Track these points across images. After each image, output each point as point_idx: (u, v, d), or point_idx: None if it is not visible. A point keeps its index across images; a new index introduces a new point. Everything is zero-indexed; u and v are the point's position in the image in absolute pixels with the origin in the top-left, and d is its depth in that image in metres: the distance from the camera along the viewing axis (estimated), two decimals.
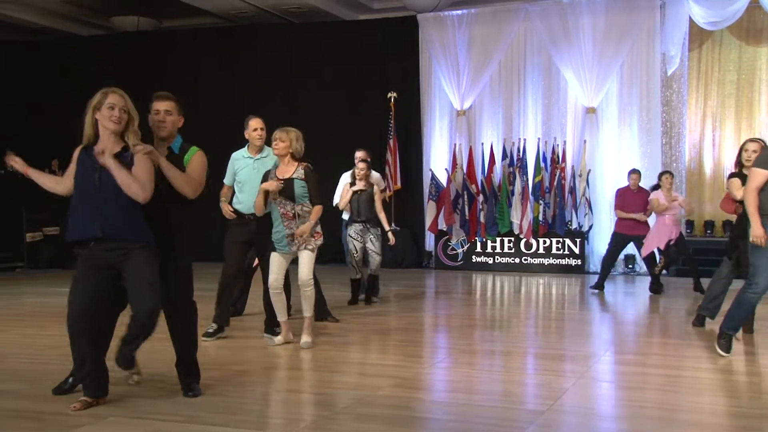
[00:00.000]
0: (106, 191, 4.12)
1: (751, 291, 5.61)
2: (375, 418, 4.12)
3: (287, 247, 5.94)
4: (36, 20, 15.21)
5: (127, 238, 4.15)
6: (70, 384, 4.52)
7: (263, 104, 14.30)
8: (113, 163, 4.10)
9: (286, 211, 5.90)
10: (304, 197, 5.93)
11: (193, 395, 4.44)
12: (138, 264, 4.13)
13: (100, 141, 4.21)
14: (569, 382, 4.96)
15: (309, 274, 5.97)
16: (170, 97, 4.59)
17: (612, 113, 12.91)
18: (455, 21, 13.56)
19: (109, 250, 4.14)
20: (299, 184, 5.90)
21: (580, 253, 12.64)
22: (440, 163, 13.63)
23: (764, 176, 5.48)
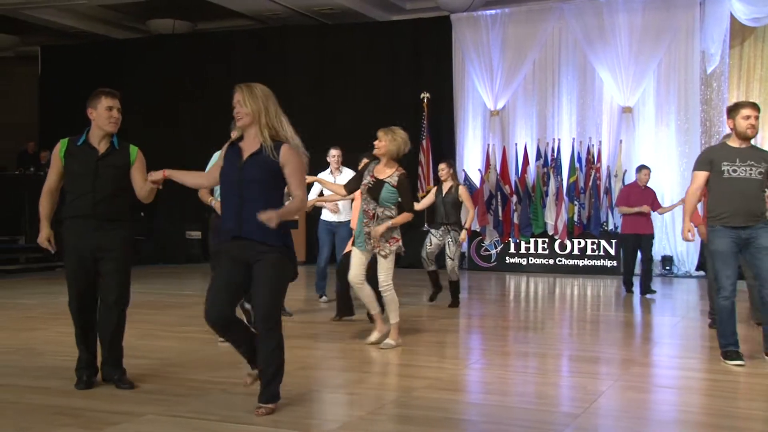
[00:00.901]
0: (249, 191, 4.04)
1: (721, 297, 5.48)
2: (409, 419, 4.11)
3: (363, 245, 6.04)
4: (75, 24, 15.50)
5: (260, 239, 4.04)
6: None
7: (296, 105, 14.38)
8: None
9: (368, 209, 6.02)
10: (387, 202, 5.98)
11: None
12: (264, 268, 4.06)
13: (244, 137, 4.17)
14: (605, 385, 4.90)
15: (385, 278, 6.01)
16: (118, 94, 4.70)
17: (649, 112, 12.73)
18: (489, 21, 13.49)
19: (245, 248, 4.07)
20: (388, 189, 5.94)
21: (615, 254, 12.49)
22: (473, 163, 13.57)
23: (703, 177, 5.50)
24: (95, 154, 4.59)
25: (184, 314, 7.99)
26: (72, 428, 3.88)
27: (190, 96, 15.06)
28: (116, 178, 4.60)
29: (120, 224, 4.63)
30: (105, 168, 4.57)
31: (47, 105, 16.38)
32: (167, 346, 6.15)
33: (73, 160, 4.60)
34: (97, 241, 4.54)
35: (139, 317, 7.26)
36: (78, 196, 4.57)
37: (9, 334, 6.80)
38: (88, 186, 4.54)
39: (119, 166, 4.63)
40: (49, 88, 16.42)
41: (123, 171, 4.65)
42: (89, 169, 4.55)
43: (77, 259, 4.57)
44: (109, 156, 4.61)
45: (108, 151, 4.61)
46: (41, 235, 4.62)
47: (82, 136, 4.64)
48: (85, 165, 4.56)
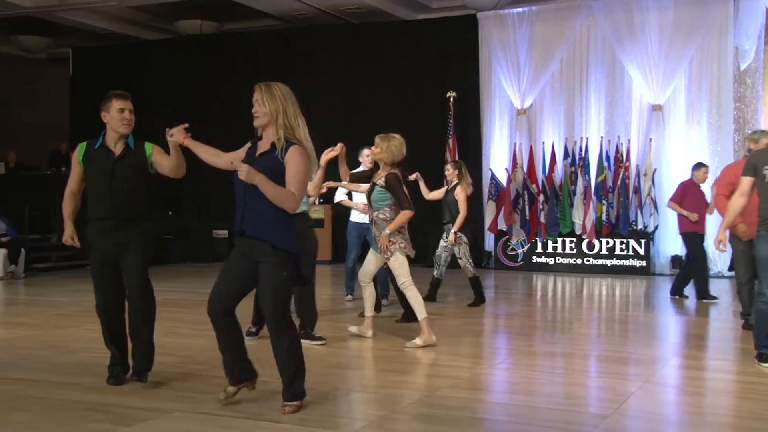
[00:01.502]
0: (254, 189, 4.05)
1: (761, 301, 5.37)
2: (435, 419, 4.10)
3: (377, 247, 6.23)
4: (105, 26, 15.69)
5: (264, 238, 4.06)
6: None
7: (323, 105, 14.44)
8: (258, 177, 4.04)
9: (368, 214, 6.30)
10: (378, 203, 6.13)
11: None
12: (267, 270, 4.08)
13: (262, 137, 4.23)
14: (634, 386, 4.85)
15: (399, 278, 6.17)
16: (129, 95, 4.75)
17: (680, 110, 12.56)
18: (516, 19, 13.41)
19: (250, 246, 4.11)
20: (377, 191, 6.12)
21: (645, 254, 12.35)
22: (500, 162, 13.51)
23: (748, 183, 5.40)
24: (111, 157, 4.67)
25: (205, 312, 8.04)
26: (103, 424, 3.93)
27: (218, 96, 15.18)
28: (133, 178, 4.67)
29: (138, 222, 4.70)
30: (122, 169, 4.65)
31: (78, 106, 16.60)
32: (195, 344, 6.20)
33: (90, 163, 4.70)
34: (116, 239, 4.63)
35: (166, 315, 7.33)
36: (97, 199, 4.67)
37: (41, 331, 6.91)
38: (106, 188, 4.63)
39: (135, 166, 4.69)
40: (80, 89, 16.64)
41: (140, 170, 4.71)
42: (106, 172, 4.64)
43: (102, 259, 4.67)
44: (125, 157, 4.68)
45: (124, 153, 4.68)
46: (65, 234, 4.76)
47: (99, 140, 4.73)
48: (102, 168, 4.65)
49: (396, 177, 6.11)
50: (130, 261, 4.65)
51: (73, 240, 4.74)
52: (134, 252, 4.65)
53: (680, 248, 12.43)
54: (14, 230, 12.36)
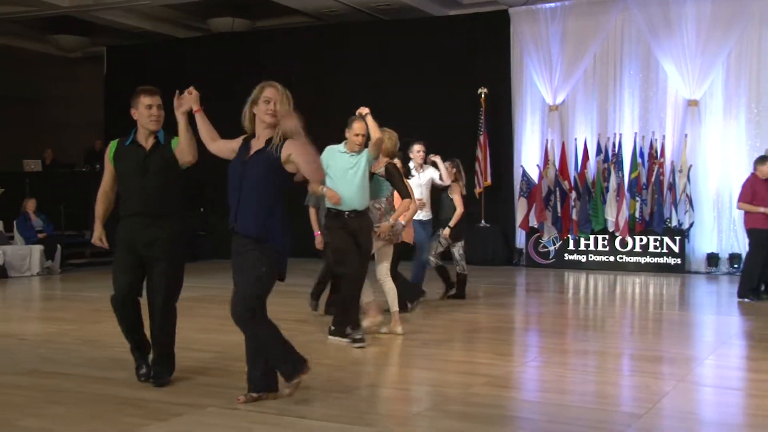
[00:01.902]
0: (246, 187, 4.13)
1: None
2: (466, 416, 4.08)
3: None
4: (139, 24, 15.89)
5: (253, 235, 4.13)
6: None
7: (354, 101, 14.42)
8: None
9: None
10: (377, 194, 6.25)
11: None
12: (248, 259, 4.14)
13: (257, 135, 4.26)
14: (669, 386, 4.77)
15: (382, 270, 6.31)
16: (157, 91, 4.67)
17: (716, 106, 12.34)
18: (548, 14, 13.29)
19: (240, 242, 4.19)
20: (376, 180, 6.24)
21: (679, 251, 12.17)
22: (531, 159, 13.40)
23: None
24: (142, 153, 4.62)
25: None
26: (136, 418, 3.98)
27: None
28: (164, 173, 4.60)
29: (170, 219, 4.61)
30: (152, 165, 4.59)
31: (113, 103, 16.82)
32: (226, 340, 6.24)
33: (122, 160, 4.65)
34: (147, 237, 4.54)
35: (198, 312, 7.41)
36: (129, 195, 4.62)
37: (77, 326, 7.03)
38: (137, 184, 4.57)
39: (166, 161, 4.61)
40: (114, 87, 16.86)
41: (170, 165, 4.62)
42: (137, 168, 4.58)
43: (126, 252, 4.58)
44: (155, 153, 4.62)
45: (153, 148, 4.63)
46: (94, 235, 4.74)
47: (130, 137, 4.68)
48: (133, 164, 4.60)
49: (396, 167, 6.24)
50: (160, 269, 4.54)
51: (102, 241, 4.71)
52: (164, 257, 4.54)
53: (717, 245, 12.25)
54: (50, 227, 12.58)
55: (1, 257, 11.28)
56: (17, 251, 11.67)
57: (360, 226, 6.00)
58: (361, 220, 6.02)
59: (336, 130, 6.68)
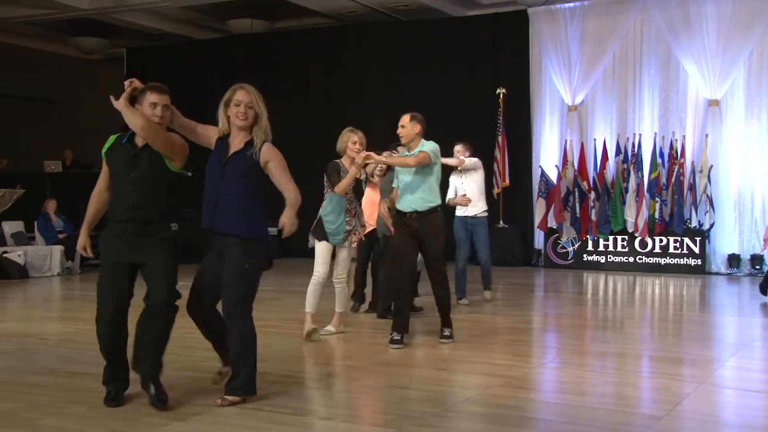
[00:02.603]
0: (225, 185, 4.19)
1: None
2: (484, 417, 4.07)
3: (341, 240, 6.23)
4: (158, 26, 16.01)
5: (232, 233, 4.18)
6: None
7: (373, 102, 14.47)
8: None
9: (351, 207, 6.27)
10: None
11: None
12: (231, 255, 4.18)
13: (232, 135, 4.29)
14: (689, 388, 4.73)
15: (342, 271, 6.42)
16: (166, 89, 4.29)
17: (738, 105, 12.22)
18: (567, 14, 13.23)
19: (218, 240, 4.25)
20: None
21: (700, 252, 12.06)
22: (550, 159, 13.34)
23: None
24: (133, 151, 4.20)
25: (260, 308, 8.10)
26: (156, 418, 4.00)
27: (268, 95, 15.30)
28: (154, 175, 4.17)
29: (160, 226, 4.20)
30: (140, 165, 4.16)
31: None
32: None
33: (114, 158, 4.25)
34: (135, 247, 4.15)
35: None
36: (116, 197, 4.22)
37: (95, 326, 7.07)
38: (124, 185, 4.18)
39: (154, 161, 4.17)
40: None
41: (158, 166, 4.18)
42: (126, 167, 4.18)
43: (112, 268, 4.18)
44: (144, 152, 4.17)
45: (144, 147, 4.18)
46: (79, 243, 4.32)
47: (128, 133, 4.28)
48: (123, 163, 4.20)
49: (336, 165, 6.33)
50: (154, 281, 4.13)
51: (86, 251, 4.29)
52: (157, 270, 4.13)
53: (738, 246, 12.13)
54: (70, 227, 12.70)
55: (23, 257, 11.40)
56: (38, 251, 11.79)
57: (422, 227, 6.01)
58: (423, 222, 6.01)
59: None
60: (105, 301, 4.17)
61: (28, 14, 14.97)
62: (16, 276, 11.16)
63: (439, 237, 6.04)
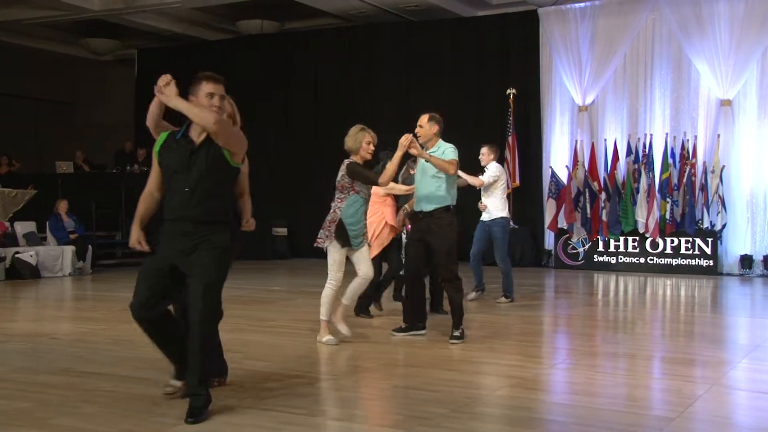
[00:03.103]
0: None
1: None
2: (494, 418, 4.06)
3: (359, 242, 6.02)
4: (169, 27, 16.07)
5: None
6: None
7: (383, 103, 14.47)
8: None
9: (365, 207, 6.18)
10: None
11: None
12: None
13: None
14: (701, 389, 4.70)
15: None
16: (222, 79, 4.16)
17: (750, 105, 12.15)
18: (577, 14, 13.20)
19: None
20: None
21: (712, 253, 12.00)
22: (561, 160, 13.31)
23: None
24: (190, 147, 4.02)
25: (271, 309, 8.16)
26: (167, 418, 4.01)
27: (279, 94, 15.38)
28: (212, 171, 4.01)
29: (216, 227, 4.05)
30: (199, 162, 4.00)
31: (143, 106, 16.73)
32: (256, 340, 6.28)
33: (168, 154, 4.07)
34: (184, 246, 3.99)
35: (228, 312, 7.42)
36: (171, 196, 4.05)
37: (109, 325, 7.12)
38: (182, 183, 4.00)
39: (213, 157, 4.01)
40: (145, 89, 16.89)
41: (218, 162, 4.03)
42: (183, 164, 4.00)
43: (158, 259, 4.05)
44: (203, 147, 4.01)
45: (204, 143, 4.02)
46: (132, 237, 4.14)
47: (182, 129, 4.12)
48: (180, 159, 4.01)
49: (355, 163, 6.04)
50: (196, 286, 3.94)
51: (141, 244, 4.11)
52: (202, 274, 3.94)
53: (750, 247, 12.06)
54: (82, 227, 12.77)
55: (34, 258, 11.46)
56: (50, 252, 11.86)
57: (429, 226, 6.09)
58: (430, 221, 6.09)
59: None
60: (139, 293, 4.03)
61: (40, 16, 15.06)
62: (27, 276, 11.23)
63: (446, 236, 6.04)
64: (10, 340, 6.37)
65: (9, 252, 11.32)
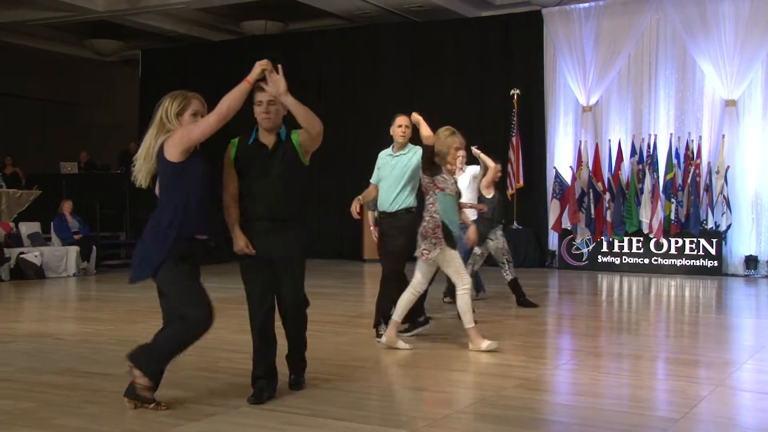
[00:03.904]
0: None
1: None
2: (498, 419, 4.05)
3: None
4: (173, 28, 16.10)
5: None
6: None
7: (387, 103, 14.45)
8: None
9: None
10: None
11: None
12: None
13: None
14: (706, 390, 4.69)
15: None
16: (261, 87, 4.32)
17: (755, 105, 12.12)
18: (582, 14, 13.18)
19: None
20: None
21: (716, 254, 11.97)
22: (564, 160, 13.29)
23: None
24: (266, 152, 4.30)
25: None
26: (170, 418, 4.02)
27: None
28: (288, 173, 4.30)
29: (295, 224, 4.36)
30: (276, 165, 4.28)
31: (147, 106, 16.90)
32: None
33: (243, 161, 4.32)
34: (272, 244, 4.28)
35: (233, 312, 7.46)
36: (251, 199, 4.31)
37: (113, 326, 7.13)
38: (261, 187, 4.27)
39: (288, 158, 4.31)
40: (149, 89, 17.09)
41: (294, 163, 4.33)
42: (261, 169, 4.28)
43: (258, 262, 4.31)
44: (278, 150, 4.30)
45: (276, 146, 4.31)
46: (239, 243, 4.29)
47: (252, 135, 4.37)
48: (256, 165, 4.28)
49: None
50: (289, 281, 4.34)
51: (249, 247, 4.29)
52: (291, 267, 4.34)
53: (755, 248, 12.02)
54: (86, 228, 12.79)
55: (39, 258, 11.49)
56: (54, 252, 11.88)
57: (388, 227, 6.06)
58: (392, 221, 6.04)
59: (368, 131, 6.71)
60: (258, 307, 4.36)
61: (44, 17, 15.10)
62: (32, 276, 11.25)
63: (398, 237, 6.02)
64: (15, 340, 6.38)
65: (13, 252, 11.34)
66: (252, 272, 4.34)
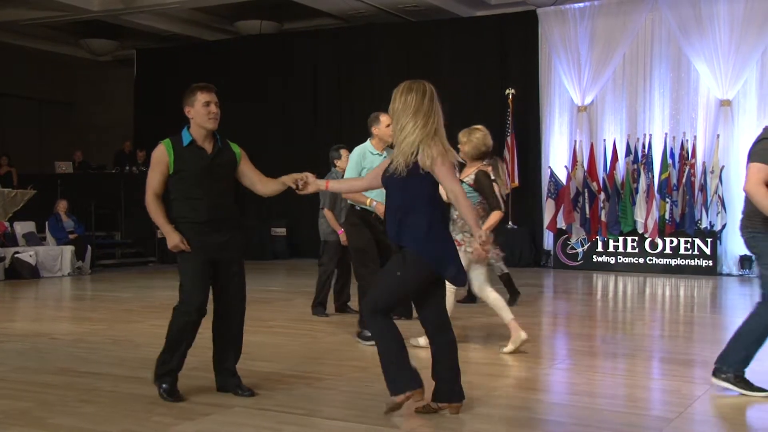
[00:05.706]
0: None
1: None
2: (492, 418, 4.06)
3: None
4: (168, 27, 16.07)
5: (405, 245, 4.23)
6: None
7: (382, 103, 14.43)
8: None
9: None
10: None
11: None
12: None
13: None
14: (701, 390, 4.70)
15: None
16: (214, 88, 4.42)
17: (750, 105, 12.16)
18: (577, 14, 13.20)
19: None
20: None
21: (711, 253, 12.00)
22: (559, 160, 13.31)
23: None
24: (204, 155, 4.33)
25: (269, 309, 8.15)
26: (167, 417, 4.02)
27: (278, 95, 15.37)
28: (227, 177, 4.43)
29: (236, 224, 4.48)
30: (217, 168, 4.35)
31: (142, 106, 17.03)
32: (254, 340, 6.25)
33: (182, 162, 4.31)
34: (219, 240, 4.33)
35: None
36: (191, 200, 4.31)
37: (107, 325, 7.12)
38: (202, 189, 4.30)
39: (228, 165, 4.42)
40: (144, 89, 17.07)
41: (231, 169, 4.45)
42: (203, 171, 4.31)
43: (201, 259, 4.30)
44: (218, 155, 4.37)
45: (216, 151, 4.37)
46: (174, 239, 4.26)
47: (186, 137, 4.35)
48: (197, 167, 4.30)
49: (486, 175, 5.80)
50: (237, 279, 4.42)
51: (185, 243, 4.27)
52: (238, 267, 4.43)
53: None
54: (81, 227, 12.76)
55: (34, 258, 11.46)
56: (49, 252, 11.85)
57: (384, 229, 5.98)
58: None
59: (363, 131, 6.68)
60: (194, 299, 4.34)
61: (39, 16, 15.06)
62: (27, 276, 11.23)
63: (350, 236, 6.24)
64: (10, 339, 6.36)
65: (8, 252, 11.32)
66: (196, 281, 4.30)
